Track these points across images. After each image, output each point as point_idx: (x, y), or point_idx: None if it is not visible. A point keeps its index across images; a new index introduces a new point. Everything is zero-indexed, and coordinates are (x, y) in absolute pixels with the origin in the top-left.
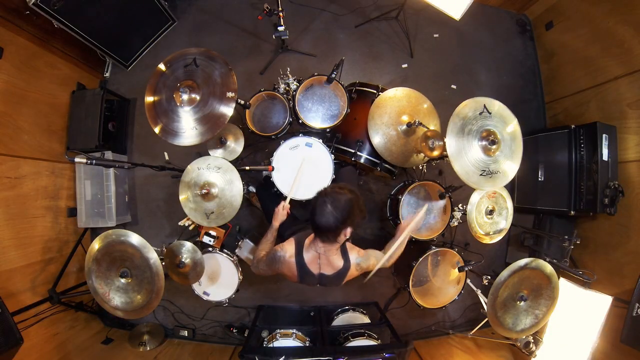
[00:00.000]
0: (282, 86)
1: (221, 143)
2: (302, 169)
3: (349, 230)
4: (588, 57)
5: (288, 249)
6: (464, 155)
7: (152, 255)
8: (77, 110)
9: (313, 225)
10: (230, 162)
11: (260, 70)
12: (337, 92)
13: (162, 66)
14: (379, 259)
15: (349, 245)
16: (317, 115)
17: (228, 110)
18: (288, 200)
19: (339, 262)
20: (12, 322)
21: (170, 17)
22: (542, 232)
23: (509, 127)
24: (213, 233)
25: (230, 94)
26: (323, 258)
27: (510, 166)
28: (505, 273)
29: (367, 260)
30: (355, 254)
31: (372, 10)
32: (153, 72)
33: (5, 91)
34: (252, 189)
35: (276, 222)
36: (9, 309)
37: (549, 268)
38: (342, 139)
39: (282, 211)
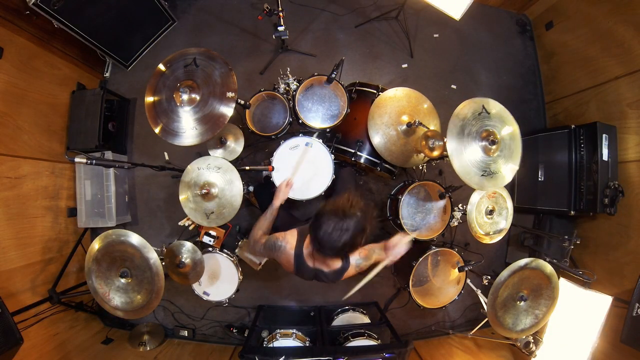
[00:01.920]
0: (282, 86)
1: (221, 143)
2: (305, 157)
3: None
4: (588, 57)
5: (290, 240)
6: (465, 155)
7: (152, 255)
8: (77, 110)
9: (316, 243)
10: (230, 162)
11: (260, 70)
12: (337, 92)
13: (162, 66)
14: (381, 257)
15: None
16: (317, 115)
17: (228, 110)
18: (292, 178)
19: (337, 264)
20: (12, 322)
21: (170, 17)
22: (542, 232)
23: (506, 128)
24: (213, 233)
25: (230, 94)
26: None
27: (509, 167)
28: (505, 273)
29: (369, 259)
30: (357, 255)
31: (372, 10)
32: (153, 72)
33: (5, 91)
34: (252, 188)
35: (277, 201)
36: (9, 309)
37: (549, 268)
38: (342, 139)
39: (284, 188)
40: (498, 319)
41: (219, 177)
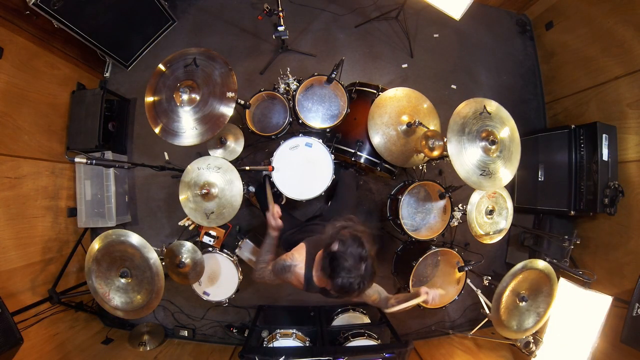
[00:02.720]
0: (282, 86)
1: (221, 143)
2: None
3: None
4: (588, 57)
5: (298, 258)
6: (465, 155)
7: (152, 255)
8: (77, 110)
9: (335, 288)
10: (230, 162)
11: (260, 70)
12: (337, 92)
13: (162, 66)
14: (381, 296)
15: None
16: (317, 115)
17: (228, 110)
18: (277, 208)
19: None
20: (12, 322)
21: (170, 17)
22: (542, 232)
23: (505, 130)
24: (213, 233)
25: (230, 94)
26: None
27: (508, 168)
28: (507, 279)
29: (371, 292)
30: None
31: (372, 10)
32: (153, 72)
33: (5, 91)
34: (252, 189)
35: (273, 232)
36: (9, 309)
37: (543, 265)
38: (342, 139)
39: (274, 220)
40: (503, 323)
41: (219, 177)
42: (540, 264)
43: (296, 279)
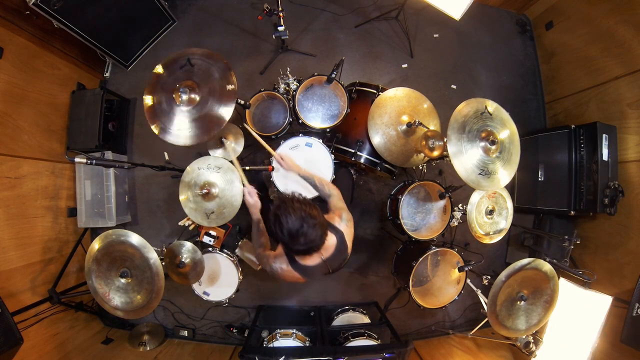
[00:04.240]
0: (282, 86)
1: (221, 143)
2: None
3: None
4: (588, 57)
5: (281, 259)
6: (465, 154)
7: (152, 255)
8: (77, 110)
9: (297, 253)
10: (230, 162)
11: (260, 70)
12: (337, 92)
13: (159, 68)
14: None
15: (327, 217)
16: (317, 115)
17: (227, 110)
18: (249, 186)
19: (333, 239)
20: (12, 322)
21: (170, 17)
22: (542, 232)
23: (504, 132)
24: (213, 233)
25: (230, 87)
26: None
27: (507, 169)
28: (504, 275)
29: (345, 211)
30: (337, 218)
31: (372, 10)
32: (152, 73)
33: (5, 91)
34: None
35: (254, 214)
36: (9, 309)
37: (547, 267)
38: (342, 139)
39: (250, 199)
40: (499, 319)
41: (219, 177)
42: (546, 267)
43: (291, 276)
